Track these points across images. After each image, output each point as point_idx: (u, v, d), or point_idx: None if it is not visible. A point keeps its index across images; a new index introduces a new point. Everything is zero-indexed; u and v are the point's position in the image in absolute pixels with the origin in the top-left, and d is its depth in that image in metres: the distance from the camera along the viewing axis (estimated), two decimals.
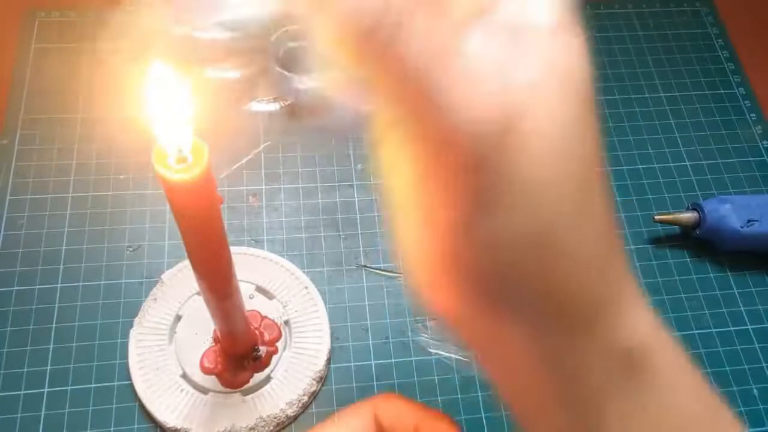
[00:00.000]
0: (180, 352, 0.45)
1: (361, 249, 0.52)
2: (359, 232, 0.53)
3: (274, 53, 0.58)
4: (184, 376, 0.44)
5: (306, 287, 0.49)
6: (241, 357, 0.44)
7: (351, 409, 0.27)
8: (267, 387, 0.44)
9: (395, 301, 0.50)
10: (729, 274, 0.53)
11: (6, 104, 0.55)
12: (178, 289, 0.47)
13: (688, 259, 0.53)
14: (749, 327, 0.50)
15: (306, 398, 0.44)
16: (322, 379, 0.46)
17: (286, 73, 0.56)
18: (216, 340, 0.45)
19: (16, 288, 0.48)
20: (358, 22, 0.15)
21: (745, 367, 0.48)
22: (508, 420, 0.46)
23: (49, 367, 0.45)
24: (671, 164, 0.58)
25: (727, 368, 0.48)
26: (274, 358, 0.45)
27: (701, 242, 0.53)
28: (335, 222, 0.53)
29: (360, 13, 0.15)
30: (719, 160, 0.59)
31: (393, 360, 0.47)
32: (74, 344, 0.46)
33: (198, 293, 0.47)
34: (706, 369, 0.49)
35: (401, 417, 0.26)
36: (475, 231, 0.17)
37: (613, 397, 0.18)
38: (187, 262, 0.41)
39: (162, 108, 0.25)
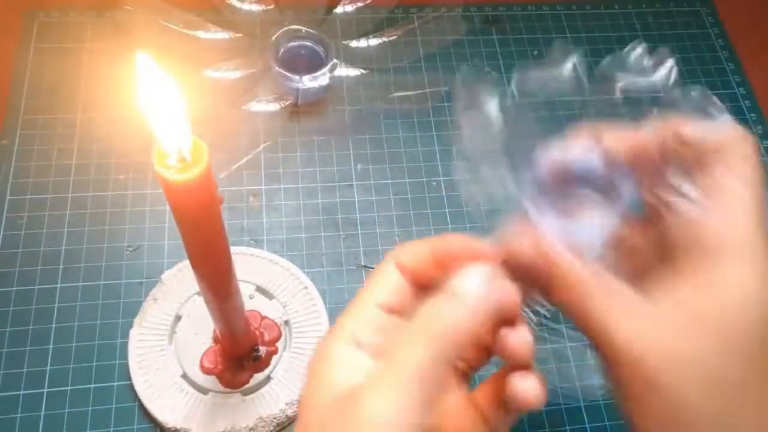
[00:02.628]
0: (180, 352, 0.45)
1: (361, 249, 0.52)
2: (359, 232, 0.53)
3: (274, 53, 0.58)
4: (184, 376, 0.44)
5: (306, 287, 0.48)
6: (241, 357, 0.44)
7: (375, 269, 0.28)
8: (267, 387, 0.44)
9: None
10: None
11: (6, 104, 0.55)
12: (178, 289, 0.47)
13: None
14: None
15: None
16: None
17: (286, 73, 0.56)
18: (216, 340, 0.45)
19: (15, 288, 0.48)
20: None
21: None
22: None
23: (48, 367, 0.45)
24: None
25: None
26: (274, 358, 0.45)
27: None
28: (335, 222, 0.53)
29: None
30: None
31: None
32: (74, 344, 0.46)
33: (198, 293, 0.47)
34: None
35: (416, 253, 0.27)
36: None
37: None
38: (187, 262, 0.41)
39: (161, 108, 0.25)
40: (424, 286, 0.27)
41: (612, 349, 0.23)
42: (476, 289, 0.24)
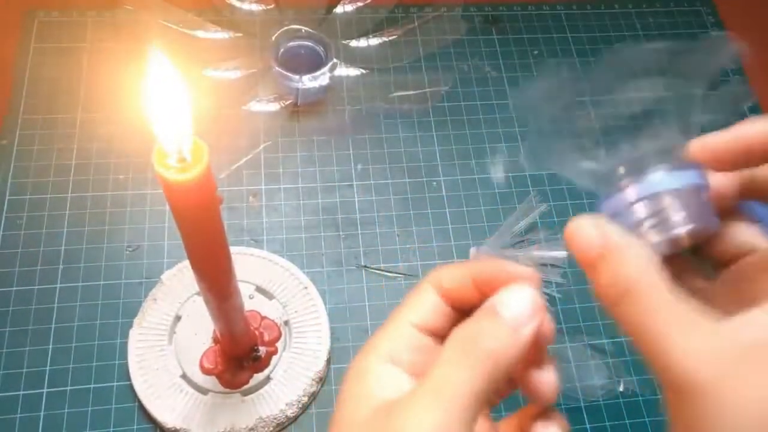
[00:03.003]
0: (180, 353, 0.45)
1: (361, 249, 0.52)
2: (359, 232, 0.53)
3: (274, 53, 0.58)
4: (184, 376, 0.44)
5: (306, 287, 0.48)
6: (240, 357, 0.44)
7: (411, 290, 0.27)
8: (267, 387, 0.44)
9: (395, 301, 0.50)
10: None
11: (6, 104, 0.55)
12: (178, 290, 0.47)
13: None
14: None
15: (306, 399, 0.44)
16: (322, 380, 0.46)
17: (286, 73, 0.56)
18: (216, 340, 0.45)
19: (15, 288, 0.48)
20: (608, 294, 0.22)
21: None
22: None
23: (48, 368, 0.45)
24: None
25: None
26: (274, 359, 0.45)
27: None
28: (335, 222, 0.53)
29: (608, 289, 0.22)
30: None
31: None
32: (74, 344, 0.46)
33: (198, 293, 0.47)
34: None
35: (456, 276, 0.26)
36: None
37: None
38: (187, 263, 0.41)
39: (162, 108, 0.25)
40: (463, 309, 0.26)
41: (667, 369, 0.21)
42: (521, 309, 0.23)
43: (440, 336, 0.26)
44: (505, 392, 0.28)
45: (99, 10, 0.60)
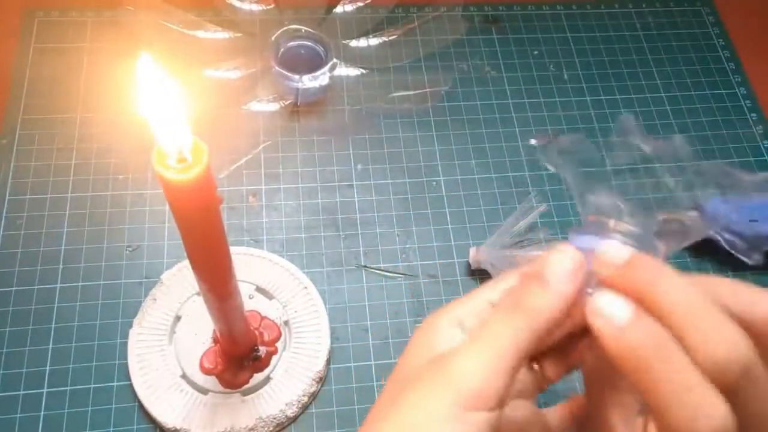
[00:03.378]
0: (180, 353, 0.45)
1: (361, 249, 0.52)
2: (359, 232, 0.53)
3: (274, 53, 0.58)
4: (184, 376, 0.44)
5: (306, 287, 0.48)
6: (240, 357, 0.44)
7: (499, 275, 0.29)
8: (266, 387, 0.44)
9: (395, 301, 0.50)
10: (729, 273, 0.53)
11: (6, 104, 0.55)
12: (178, 290, 0.47)
13: (689, 259, 0.53)
14: None
15: (305, 399, 0.44)
16: (322, 380, 0.46)
17: (286, 72, 0.56)
18: (216, 340, 0.45)
19: (15, 288, 0.48)
20: None
21: None
22: None
23: (48, 368, 0.45)
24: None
25: None
26: (274, 359, 0.45)
27: (702, 242, 0.52)
28: (335, 222, 0.53)
29: None
30: (720, 160, 0.59)
31: (393, 360, 0.47)
32: (73, 344, 0.46)
33: (198, 293, 0.47)
34: None
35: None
36: None
37: None
38: (186, 262, 0.41)
39: (161, 108, 0.25)
40: None
41: None
42: (560, 269, 0.25)
43: None
44: (555, 374, 0.31)
45: (99, 10, 0.60)
